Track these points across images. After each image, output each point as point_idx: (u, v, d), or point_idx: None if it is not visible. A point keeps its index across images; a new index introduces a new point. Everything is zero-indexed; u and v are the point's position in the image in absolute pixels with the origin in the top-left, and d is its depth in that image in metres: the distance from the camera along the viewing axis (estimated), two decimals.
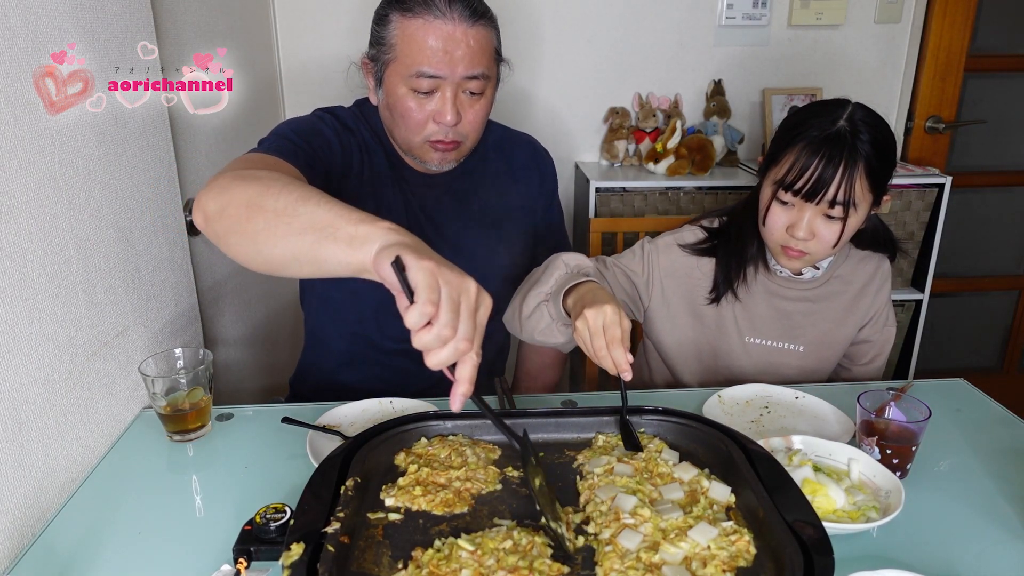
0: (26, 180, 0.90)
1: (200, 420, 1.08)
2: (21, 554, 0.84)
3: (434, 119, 1.16)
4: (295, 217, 0.77)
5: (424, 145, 1.20)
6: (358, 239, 0.73)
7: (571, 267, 1.15)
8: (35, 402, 0.91)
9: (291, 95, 2.21)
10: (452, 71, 1.12)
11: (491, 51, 1.17)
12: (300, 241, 0.76)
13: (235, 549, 0.80)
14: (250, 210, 0.81)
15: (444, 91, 1.14)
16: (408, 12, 1.11)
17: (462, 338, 0.69)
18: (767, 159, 1.24)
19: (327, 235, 0.74)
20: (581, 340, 1.00)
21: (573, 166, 2.33)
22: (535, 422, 1.00)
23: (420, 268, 0.68)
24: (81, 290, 1.01)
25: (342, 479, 0.84)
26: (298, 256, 0.77)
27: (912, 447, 0.96)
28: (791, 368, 1.34)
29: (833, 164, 1.12)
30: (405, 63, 1.12)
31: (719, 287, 1.31)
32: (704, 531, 0.78)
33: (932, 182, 2.16)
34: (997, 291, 2.69)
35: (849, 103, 1.18)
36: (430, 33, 1.10)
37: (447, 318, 0.67)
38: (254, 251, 0.81)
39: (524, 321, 1.17)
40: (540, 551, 0.76)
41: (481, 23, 1.13)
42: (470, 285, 0.70)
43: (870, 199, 1.17)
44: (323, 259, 0.75)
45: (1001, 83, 2.45)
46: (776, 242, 1.23)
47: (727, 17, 2.21)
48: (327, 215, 0.76)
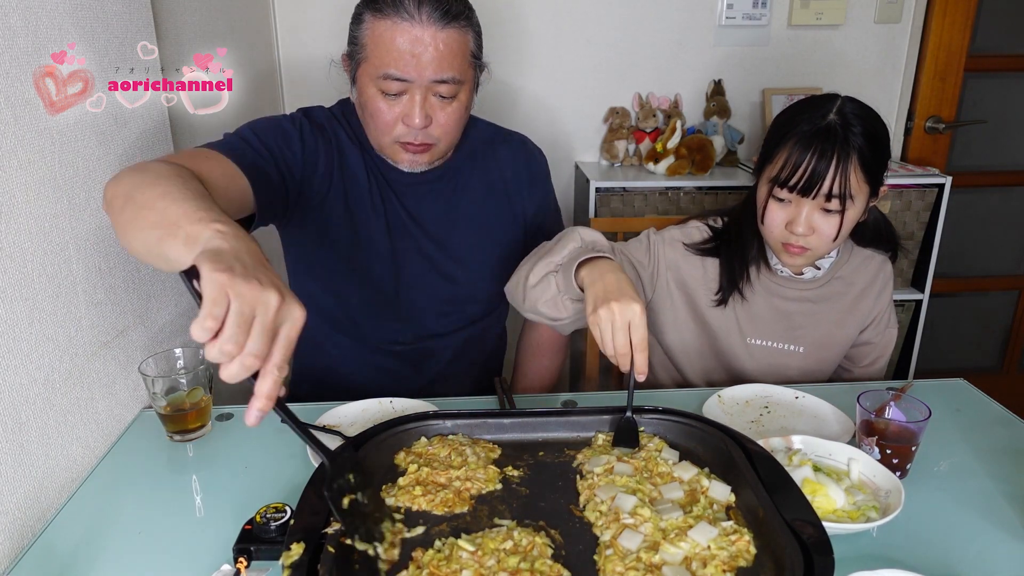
0: (26, 180, 0.90)
1: (200, 420, 1.08)
2: (21, 554, 0.84)
3: (403, 121, 1.15)
4: (151, 211, 0.77)
5: (394, 146, 1.19)
6: (191, 238, 0.72)
7: (587, 241, 1.13)
8: (35, 402, 0.91)
9: (291, 95, 2.21)
10: (420, 74, 1.11)
11: (464, 54, 1.15)
12: (149, 235, 0.76)
13: (235, 549, 0.80)
14: (125, 201, 0.82)
15: (413, 94, 1.13)
16: (379, 13, 1.10)
17: (249, 353, 0.65)
18: (761, 158, 1.24)
19: (170, 232, 0.74)
20: (598, 329, 0.96)
21: (573, 166, 2.33)
22: (535, 422, 1.00)
23: (209, 280, 0.65)
24: (81, 290, 1.01)
25: None
26: (149, 250, 0.77)
27: (912, 447, 0.96)
28: (792, 369, 1.34)
29: (826, 157, 1.12)
30: (374, 64, 1.12)
31: (725, 289, 1.30)
32: (704, 531, 0.78)
33: (932, 182, 2.16)
34: (997, 291, 2.69)
35: (838, 97, 1.18)
36: (398, 35, 1.09)
37: (230, 332, 0.64)
38: (124, 241, 0.83)
39: (529, 290, 1.13)
40: (540, 551, 0.76)
41: (453, 26, 1.11)
42: (270, 299, 0.66)
43: (867, 191, 1.17)
44: (167, 256, 0.74)
45: (1001, 83, 2.45)
46: (776, 239, 1.22)
47: (727, 17, 2.21)
48: (176, 212, 0.75)
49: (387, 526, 0.80)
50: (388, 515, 0.82)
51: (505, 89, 2.21)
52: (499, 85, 2.18)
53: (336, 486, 0.76)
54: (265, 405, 0.67)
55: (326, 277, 1.31)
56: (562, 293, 1.10)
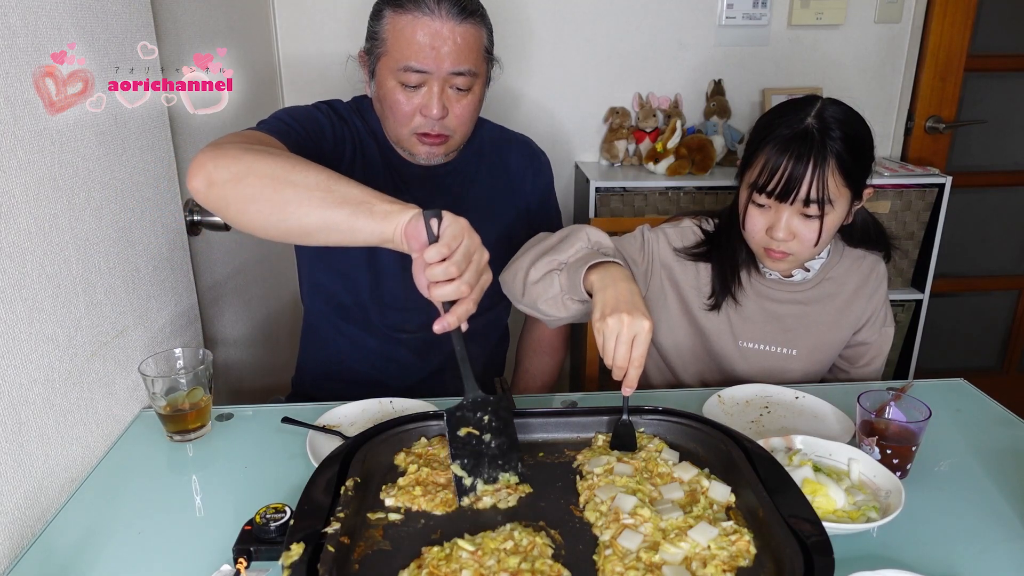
0: (26, 180, 0.90)
1: (200, 420, 1.08)
2: (21, 554, 0.84)
3: (421, 112, 1.20)
4: (329, 192, 0.90)
5: (412, 137, 1.24)
6: (392, 214, 0.88)
7: (592, 241, 1.14)
8: (35, 402, 0.91)
9: (291, 95, 2.21)
10: (439, 66, 1.16)
11: (480, 49, 1.20)
12: (336, 213, 0.89)
13: (235, 549, 0.80)
14: (277, 182, 0.92)
15: (431, 85, 1.18)
16: (399, 8, 1.16)
17: (465, 282, 0.84)
18: (743, 162, 1.23)
19: (363, 209, 0.88)
20: (603, 337, 0.96)
21: (573, 166, 2.33)
22: (535, 422, 1.00)
23: (455, 220, 0.85)
24: (81, 290, 1.01)
25: (342, 479, 0.84)
26: (332, 225, 0.90)
27: (912, 447, 0.96)
28: (786, 372, 1.33)
29: (803, 162, 1.11)
30: (394, 57, 1.17)
31: (717, 294, 1.29)
32: (704, 531, 0.78)
33: (932, 182, 2.16)
34: (997, 291, 2.69)
35: (819, 99, 1.16)
36: (419, 29, 1.15)
37: (459, 257, 0.83)
38: (278, 219, 0.93)
39: (530, 285, 1.13)
40: (541, 551, 0.77)
41: (470, 21, 1.17)
42: (485, 253, 0.88)
43: (847, 194, 1.16)
44: (357, 228, 0.89)
45: (1001, 83, 2.45)
46: (758, 244, 1.21)
47: (727, 17, 2.21)
48: (361, 194, 0.90)
49: (506, 478, 0.88)
50: (515, 469, 0.91)
51: (506, 89, 2.21)
52: (499, 85, 2.18)
53: (460, 415, 0.90)
54: (454, 323, 0.86)
55: (337, 264, 1.34)
56: (565, 293, 1.09)
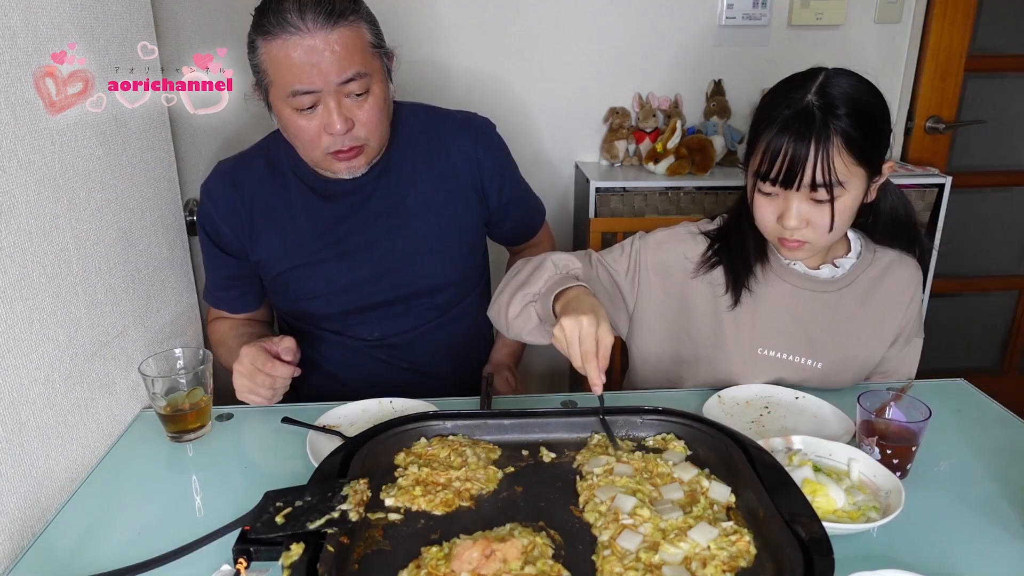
0: (26, 180, 0.90)
1: (200, 420, 1.08)
2: (21, 554, 0.84)
3: (326, 131, 1.15)
4: None
5: (327, 158, 1.19)
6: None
7: (559, 268, 1.12)
8: (35, 402, 0.91)
9: None
10: (325, 81, 1.10)
11: (363, 48, 1.14)
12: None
13: (235, 549, 0.80)
14: None
15: (326, 102, 1.12)
16: (268, 35, 1.10)
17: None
18: (747, 150, 1.15)
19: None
20: (561, 349, 0.99)
21: (573, 166, 2.33)
22: (535, 422, 1.00)
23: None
24: (81, 290, 1.01)
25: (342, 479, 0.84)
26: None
27: (912, 447, 0.96)
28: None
29: (804, 144, 1.02)
30: (280, 85, 1.12)
31: (732, 289, 1.21)
32: (704, 531, 0.78)
33: (932, 182, 2.16)
34: (997, 291, 2.68)
35: (822, 71, 1.08)
36: (291, 50, 1.09)
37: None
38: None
39: (511, 321, 1.14)
40: (541, 551, 0.76)
41: (342, 25, 1.10)
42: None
43: (861, 173, 1.06)
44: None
45: (1001, 83, 2.45)
46: (771, 235, 1.14)
47: (727, 17, 2.21)
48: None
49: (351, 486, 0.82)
50: None
51: (506, 89, 2.21)
52: (500, 85, 2.18)
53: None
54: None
55: (291, 298, 1.35)
56: (544, 322, 1.11)
